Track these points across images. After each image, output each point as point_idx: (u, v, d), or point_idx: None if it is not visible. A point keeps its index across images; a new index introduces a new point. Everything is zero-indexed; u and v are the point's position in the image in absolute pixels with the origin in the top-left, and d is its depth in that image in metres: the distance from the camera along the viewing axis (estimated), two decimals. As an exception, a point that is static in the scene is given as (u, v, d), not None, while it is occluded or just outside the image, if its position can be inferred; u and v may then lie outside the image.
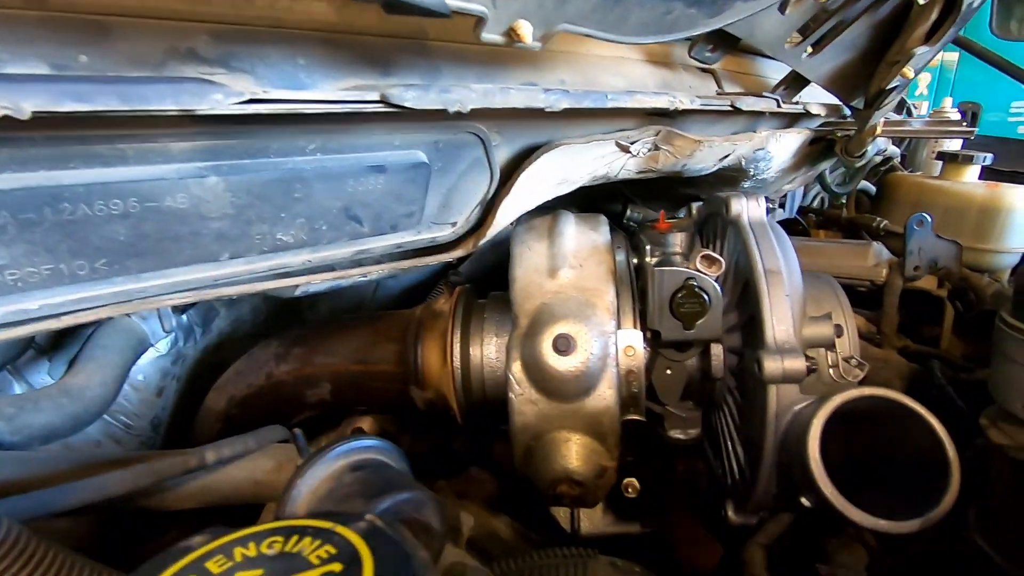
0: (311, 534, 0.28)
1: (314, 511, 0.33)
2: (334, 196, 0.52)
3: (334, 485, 0.36)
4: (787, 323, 0.62)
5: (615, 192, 1.40)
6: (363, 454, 0.40)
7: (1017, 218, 1.31)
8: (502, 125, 0.62)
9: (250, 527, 0.29)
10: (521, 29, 0.41)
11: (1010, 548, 0.58)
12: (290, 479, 0.37)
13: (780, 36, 0.70)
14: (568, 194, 0.84)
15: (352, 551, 0.27)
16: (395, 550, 0.27)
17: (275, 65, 0.41)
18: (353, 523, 0.29)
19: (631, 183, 1.17)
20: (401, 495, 0.35)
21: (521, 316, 0.68)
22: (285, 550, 0.27)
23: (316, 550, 0.27)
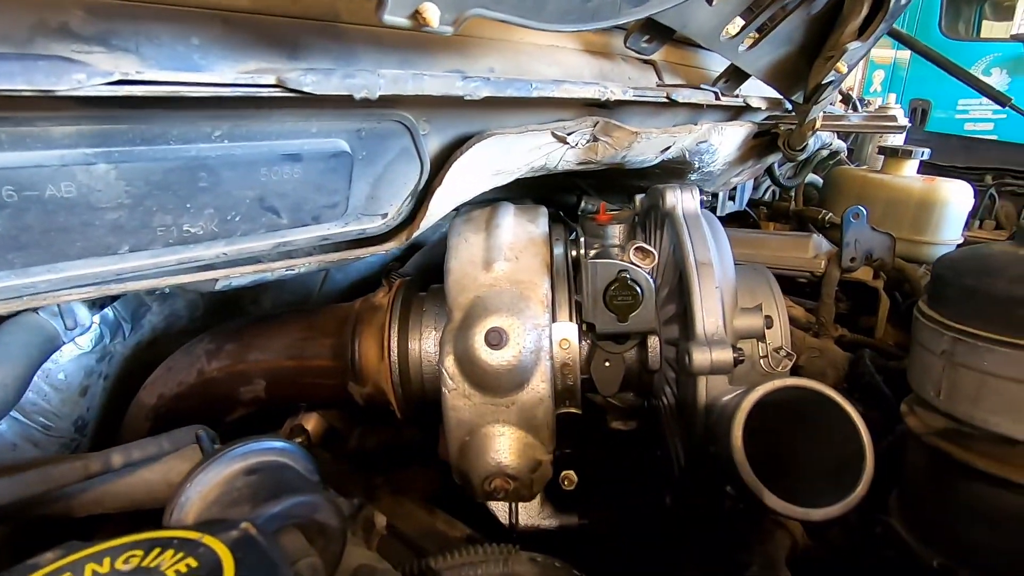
0: (175, 546, 0.26)
1: (202, 518, 0.31)
2: (246, 185, 0.50)
3: (225, 490, 0.35)
4: (716, 315, 0.63)
5: (570, 184, 1.40)
6: (261, 456, 0.38)
7: (951, 211, 1.36)
8: (430, 114, 0.60)
9: (110, 540, 0.27)
10: (427, 12, 0.39)
11: (924, 530, 0.60)
12: (179, 484, 0.35)
13: (714, 28, 0.70)
14: (523, 186, 0.83)
15: (215, 563, 0.25)
16: (262, 561, 0.26)
17: (164, 45, 0.39)
18: (224, 532, 0.27)
19: (585, 175, 1.17)
20: (295, 499, 0.33)
21: (455, 309, 0.67)
22: (142, 565, 0.25)
23: (176, 564, 0.25)
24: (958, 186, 1.36)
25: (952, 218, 1.35)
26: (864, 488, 0.52)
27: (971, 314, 0.54)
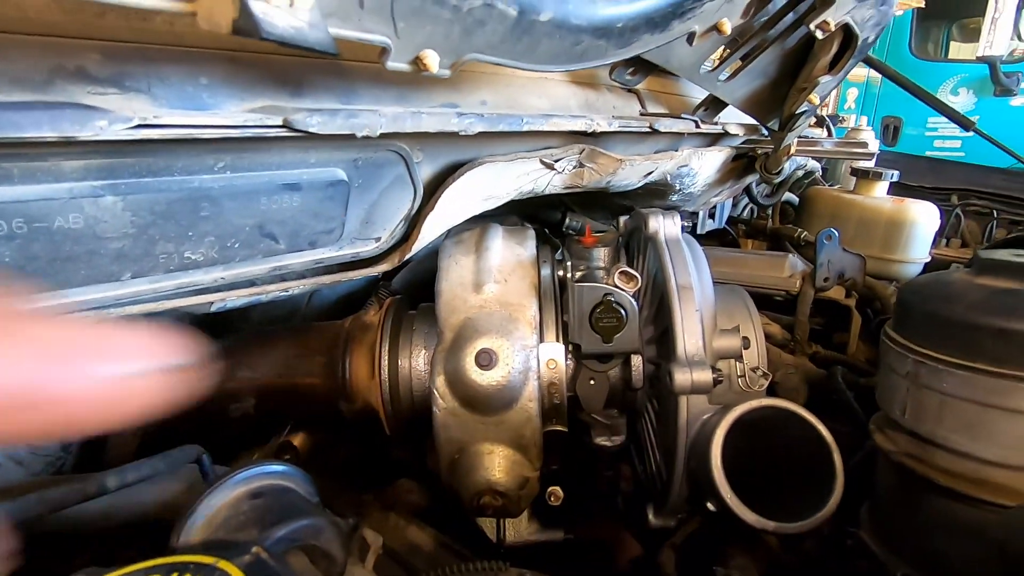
0: (192, 570, 0.28)
1: (208, 541, 0.33)
2: (246, 214, 0.52)
3: (231, 513, 0.36)
4: (696, 336, 0.66)
5: (555, 201, 1.43)
6: (265, 480, 0.39)
7: (919, 231, 1.42)
8: (424, 143, 0.62)
9: (129, 565, 0.29)
10: (427, 59, 0.41)
11: (891, 541, 0.63)
12: (187, 506, 0.37)
13: (695, 63, 0.74)
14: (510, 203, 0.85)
15: (230, 587, 0.27)
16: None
17: (174, 85, 0.41)
18: (237, 556, 0.29)
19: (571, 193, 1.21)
20: (299, 522, 0.35)
21: (446, 330, 0.69)
22: (161, 589, 0.27)
23: (193, 587, 0.27)
24: (925, 207, 1.42)
25: (920, 238, 1.41)
26: (834, 504, 0.55)
27: (932, 338, 0.58)
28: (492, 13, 0.42)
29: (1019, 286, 0.55)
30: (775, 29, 0.77)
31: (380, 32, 0.38)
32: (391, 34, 0.38)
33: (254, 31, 0.27)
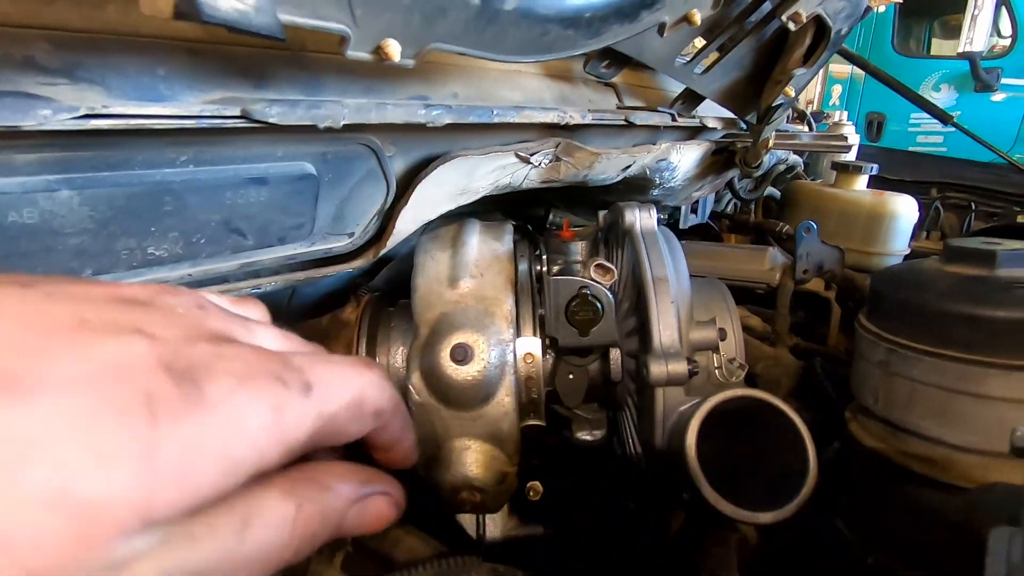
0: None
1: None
2: (211, 209, 0.51)
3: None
4: (672, 328, 0.66)
5: (539, 197, 1.42)
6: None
7: (899, 223, 1.44)
8: (396, 137, 0.62)
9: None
10: (389, 48, 0.41)
11: (867, 530, 0.64)
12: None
13: (668, 55, 0.74)
14: (493, 200, 0.84)
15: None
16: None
17: (131, 76, 0.40)
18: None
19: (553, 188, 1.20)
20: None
21: (421, 326, 0.68)
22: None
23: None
24: (904, 200, 1.44)
25: (899, 230, 1.43)
26: (807, 493, 0.56)
27: (903, 326, 0.58)
28: (454, 1, 0.42)
29: (987, 273, 0.55)
30: (748, 21, 0.77)
31: (337, 20, 0.37)
32: (349, 22, 0.38)
33: (195, 14, 0.26)
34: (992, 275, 0.55)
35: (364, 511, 0.31)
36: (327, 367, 0.29)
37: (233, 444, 0.23)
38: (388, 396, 0.33)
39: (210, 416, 0.22)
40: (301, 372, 0.27)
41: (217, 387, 0.23)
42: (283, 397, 0.25)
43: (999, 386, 0.51)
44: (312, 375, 0.27)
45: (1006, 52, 5.18)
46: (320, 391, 0.27)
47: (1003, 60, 5.14)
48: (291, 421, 0.25)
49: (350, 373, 0.30)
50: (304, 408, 0.26)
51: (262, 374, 0.25)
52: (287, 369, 0.26)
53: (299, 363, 0.27)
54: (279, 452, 0.25)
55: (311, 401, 0.26)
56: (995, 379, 0.52)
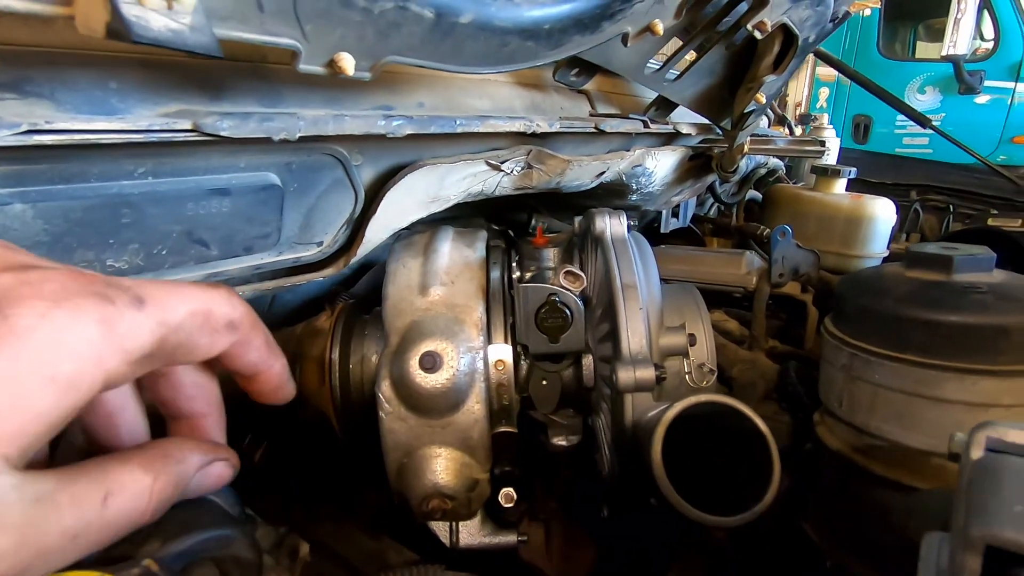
0: (72, 585, 0.27)
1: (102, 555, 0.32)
2: (172, 220, 0.51)
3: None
4: (640, 335, 0.66)
5: (521, 202, 1.43)
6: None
7: (877, 226, 1.45)
8: (363, 146, 0.62)
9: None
10: (343, 62, 0.41)
11: (834, 532, 0.64)
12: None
13: (637, 63, 0.74)
14: (474, 205, 0.85)
15: (111, 602, 0.26)
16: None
17: (81, 90, 0.40)
18: (126, 571, 0.28)
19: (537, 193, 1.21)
20: (206, 533, 0.34)
21: (392, 334, 0.68)
22: (38, 605, 0.26)
23: (73, 603, 0.26)
24: (882, 203, 1.45)
25: (878, 233, 1.44)
26: (770, 498, 0.56)
27: (865, 331, 0.59)
28: (406, 15, 0.42)
29: (945, 278, 0.56)
30: (716, 30, 0.78)
31: (286, 35, 0.37)
32: (299, 37, 0.38)
33: (126, 35, 0.26)
34: (949, 280, 0.56)
35: (206, 475, 0.36)
36: (161, 285, 0.31)
37: (59, 363, 0.23)
38: (241, 310, 0.35)
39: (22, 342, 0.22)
40: (130, 289, 0.28)
41: (25, 312, 0.23)
42: (110, 311, 0.26)
43: (955, 390, 0.52)
44: (143, 291, 0.29)
45: (989, 55, 5.24)
46: (155, 303, 0.29)
47: (986, 63, 5.20)
48: (126, 331, 0.26)
49: (190, 288, 0.32)
50: (138, 319, 0.27)
51: (80, 293, 0.25)
52: (112, 287, 0.27)
53: (128, 283, 0.29)
54: (122, 362, 0.26)
55: (145, 312, 0.28)
56: (951, 383, 0.52)
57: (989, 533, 0.19)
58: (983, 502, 0.20)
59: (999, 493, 0.20)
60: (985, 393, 0.52)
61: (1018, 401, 0.52)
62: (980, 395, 0.52)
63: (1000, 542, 0.19)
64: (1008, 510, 0.19)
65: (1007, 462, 0.22)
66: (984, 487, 0.21)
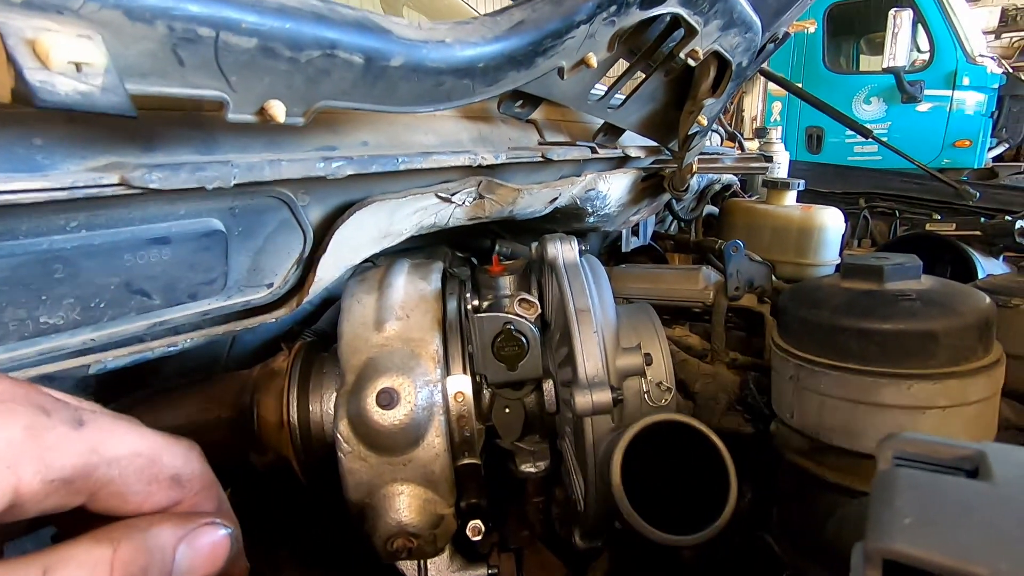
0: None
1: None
2: (109, 272, 0.50)
3: None
4: (596, 358, 0.67)
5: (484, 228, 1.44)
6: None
7: (828, 235, 1.50)
8: (308, 186, 0.62)
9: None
10: (273, 109, 0.42)
11: (795, 541, 0.65)
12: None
13: (579, 93, 0.77)
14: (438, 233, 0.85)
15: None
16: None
17: (2, 148, 0.39)
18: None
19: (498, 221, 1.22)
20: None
21: (348, 372, 0.68)
22: None
23: None
24: (831, 212, 1.51)
25: (828, 241, 1.49)
26: (728, 514, 0.57)
27: (807, 342, 0.61)
28: (335, 62, 0.43)
29: (877, 287, 0.59)
30: (652, 59, 0.81)
31: (211, 87, 0.38)
32: (225, 88, 0.38)
33: (30, 99, 0.26)
34: (880, 289, 0.58)
35: (195, 545, 0.30)
36: (113, 418, 0.29)
37: None
38: (194, 468, 0.32)
39: None
40: (76, 412, 0.27)
41: None
42: (41, 420, 0.25)
43: (893, 395, 0.54)
44: (88, 416, 0.27)
45: (926, 65, 5.55)
46: (96, 429, 0.27)
47: (924, 73, 5.50)
48: (52, 444, 0.25)
49: (144, 431, 0.29)
50: (70, 436, 0.26)
51: (16, 399, 0.25)
52: (56, 405, 0.26)
53: (76, 404, 0.27)
54: (38, 474, 0.24)
55: (81, 433, 0.26)
56: (888, 388, 0.54)
57: (883, 547, 0.20)
58: (879, 515, 0.21)
59: (892, 505, 0.21)
60: (921, 396, 0.54)
61: (953, 402, 0.54)
62: (916, 399, 0.54)
63: (894, 555, 0.20)
64: (899, 523, 0.20)
65: (903, 475, 0.23)
66: (882, 499, 0.22)
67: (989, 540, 0.19)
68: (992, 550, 0.19)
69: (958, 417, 0.54)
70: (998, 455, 0.23)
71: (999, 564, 0.18)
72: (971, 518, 0.20)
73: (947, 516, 0.20)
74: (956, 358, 0.53)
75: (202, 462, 0.33)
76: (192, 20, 0.33)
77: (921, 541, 0.20)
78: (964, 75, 5.40)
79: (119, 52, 0.31)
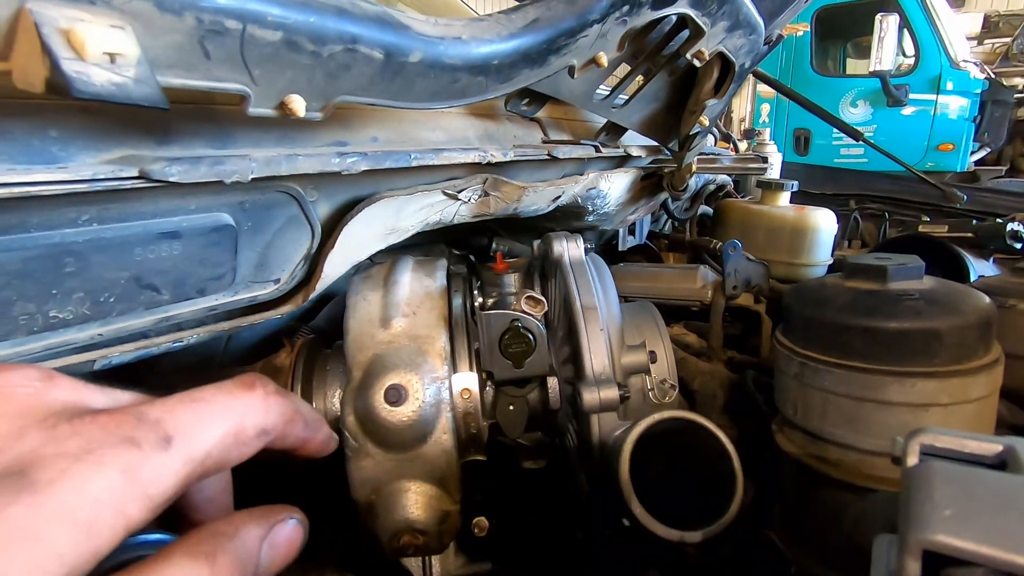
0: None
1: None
2: (119, 267, 0.49)
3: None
4: (603, 355, 0.67)
5: (482, 227, 1.44)
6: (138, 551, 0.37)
7: (820, 236, 1.53)
8: (318, 182, 0.62)
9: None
10: (293, 104, 0.41)
11: (798, 538, 0.66)
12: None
13: (586, 92, 0.77)
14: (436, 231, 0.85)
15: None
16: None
17: (18, 140, 0.39)
18: None
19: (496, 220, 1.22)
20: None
21: (354, 369, 0.68)
22: None
23: None
24: (824, 213, 1.53)
25: (821, 242, 1.52)
26: (735, 510, 0.58)
27: (811, 340, 0.62)
28: (356, 57, 0.43)
29: (880, 287, 0.60)
30: (658, 59, 0.81)
31: (235, 80, 0.37)
32: (247, 82, 0.38)
33: (66, 90, 0.26)
34: (884, 289, 0.59)
35: (275, 544, 0.32)
36: (190, 410, 0.29)
37: (78, 511, 0.24)
38: (274, 414, 0.34)
39: (42, 496, 0.23)
40: (158, 425, 0.28)
41: (47, 470, 0.24)
42: (135, 456, 0.26)
43: (897, 392, 0.55)
44: (171, 425, 0.28)
45: (911, 70, 5.64)
46: (182, 439, 0.28)
47: (910, 77, 5.59)
48: (149, 477, 0.26)
49: (220, 407, 0.31)
50: (164, 461, 0.27)
51: (105, 443, 0.26)
52: (140, 428, 0.27)
53: (156, 415, 0.28)
54: (145, 508, 0.26)
55: (171, 453, 0.27)
56: (893, 386, 0.55)
57: (924, 538, 0.21)
58: (918, 508, 0.22)
59: (931, 499, 0.22)
60: (924, 394, 0.55)
61: (955, 400, 0.55)
62: (920, 396, 0.55)
63: (934, 546, 0.21)
64: (939, 515, 0.21)
65: (938, 468, 0.23)
66: (918, 493, 0.22)
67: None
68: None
69: (959, 414, 0.56)
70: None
71: (1037, 554, 0.19)
72: (1009, 510, 0.21)
73: (986, 508, 0.21)
74: (958, 357, 0.55)
75: (277, 402, 0.35)
76: (220, 12, 0.33)
77: (963, 532, 0.20)
78: (948, 80, 5.49)
79: (148, 44, 0.30)
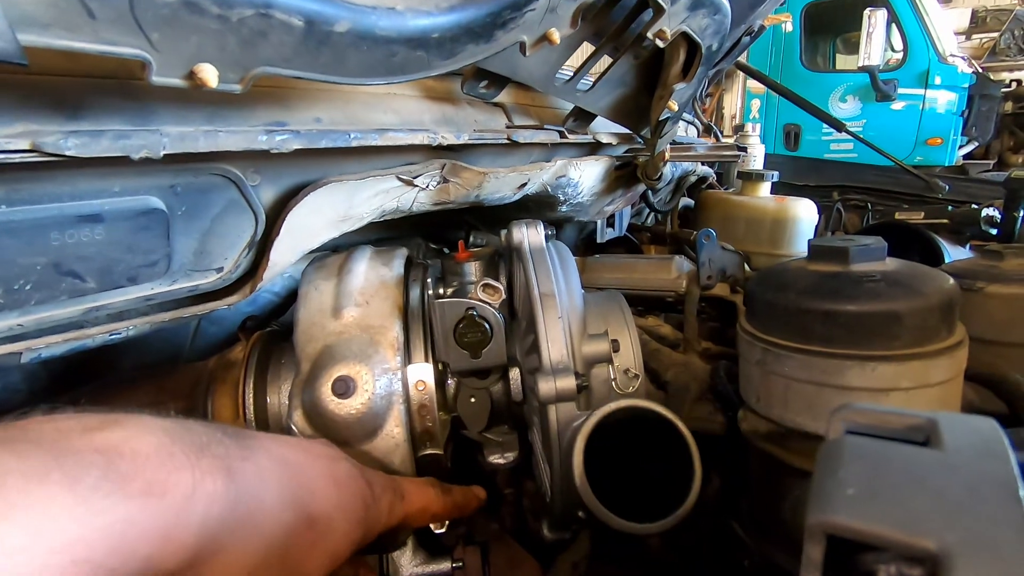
0: None
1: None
2: (33, 252, 0.47)
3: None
4: (560, 344, 0.65)
5: (459, 220, 1.42)
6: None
7: (801, 226, 1.51)
8: (258, 164, 0.59)
9: None
10: (203, 73, 0.39)
11: (763, 528, 0.64)
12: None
13: (545, 74, 0.75)
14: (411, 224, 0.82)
15: None
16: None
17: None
18: None
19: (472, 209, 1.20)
20: None
21: (303, 360, 0.65)
22: None
23: None
24: (804, 203, 1.52)
25: (801, 232, 1.50)
26: (691, 501, 0.56)
27: (773, 326, 0.60)
28: (271, 23, 0.40)
29: (842, 269, 0.58)
30: (621, 41, 0.79)
31: (129, 44, 0.35)
32: (145, 47, 0.36)
33: None
34: (846, 271, 0.57)
35: None
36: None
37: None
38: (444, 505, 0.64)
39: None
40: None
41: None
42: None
43: (856, 377, 0.53)
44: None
45: (900, 65, 5.65)
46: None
47: (898, 72, 5.60)
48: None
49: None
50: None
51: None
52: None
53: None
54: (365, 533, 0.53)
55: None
56: (852, 370, 0.53)
57: (825, 520, 0.19)
58: (821, 487, 0.20)
59: (835, 476, 0.20)
60: (885, 378, 0.53)
61: (916, 383, 0.53)
62: (880, 380, 0.53)
63: (835, 529, 0.18)
64: (842, 494, 0.19)
65: (848, 443, 0.21)
66: (825, 470, 0.20)
67: (937, 510, 0.18)
68: (940, 520, 0.17)
69: (921, 399, 0.54)
70: (949, 424, 0.22)
71: (946, 535, 0.17)
72: (919, 487, 0.19)
73: (894, 486, 0.19)
74: (919, 339, 0.53)
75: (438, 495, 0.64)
76: (100, -34, 0.31)
77: (864, 513, 0.18)
78: (936, 74, 5.51)
79: None
